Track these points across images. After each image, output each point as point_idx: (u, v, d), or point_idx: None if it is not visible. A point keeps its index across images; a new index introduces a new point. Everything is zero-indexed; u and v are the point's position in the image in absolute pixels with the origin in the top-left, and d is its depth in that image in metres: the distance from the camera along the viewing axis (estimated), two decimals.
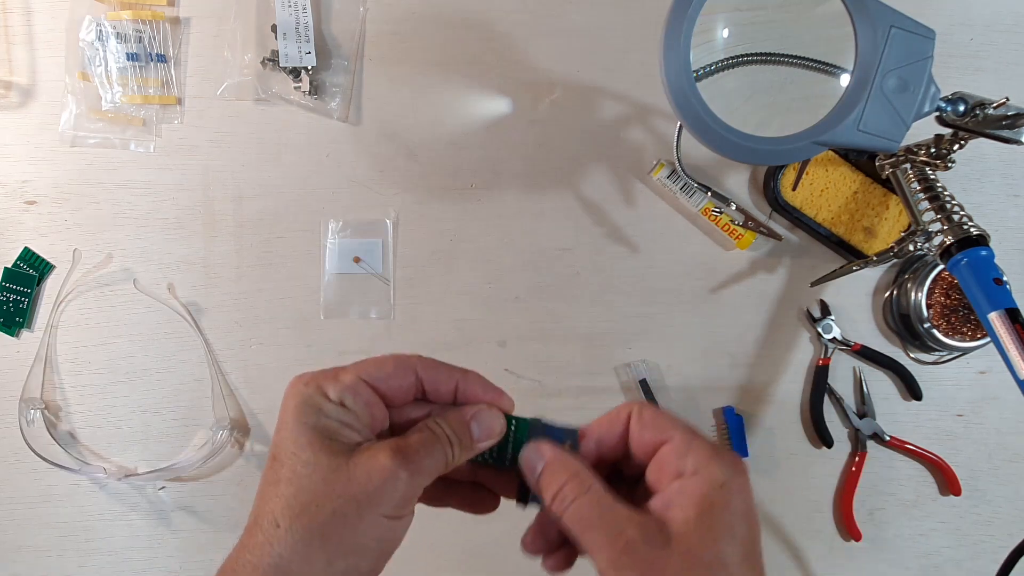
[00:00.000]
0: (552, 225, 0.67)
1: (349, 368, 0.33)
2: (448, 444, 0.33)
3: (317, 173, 0.66)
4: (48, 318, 0.66)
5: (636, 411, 0.34)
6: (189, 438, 0.67)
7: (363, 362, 0.34)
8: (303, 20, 0.64)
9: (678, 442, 0.32)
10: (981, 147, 0.62)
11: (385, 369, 0.34)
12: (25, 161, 0.66)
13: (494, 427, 0.35)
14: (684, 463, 0.31)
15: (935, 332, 0.63)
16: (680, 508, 0.30)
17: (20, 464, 0.66)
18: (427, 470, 0.32)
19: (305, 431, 0.31)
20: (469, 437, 0.34)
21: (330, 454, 0.31)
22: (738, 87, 0.47)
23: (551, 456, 0.34)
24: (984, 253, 0.50)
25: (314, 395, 0.32)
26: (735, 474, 0.31)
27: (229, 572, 0.32)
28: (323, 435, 0.31)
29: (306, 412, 0.32)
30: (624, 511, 0.31)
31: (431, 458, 0.32)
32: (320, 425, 0.31)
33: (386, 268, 0.66)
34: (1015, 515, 0.68)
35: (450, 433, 0.33)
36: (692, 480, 0.31)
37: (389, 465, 0.31)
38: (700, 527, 0.29)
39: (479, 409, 0.35)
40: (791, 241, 0.67)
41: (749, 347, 0.67)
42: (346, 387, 0.32)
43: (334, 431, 0.32)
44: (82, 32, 0.64)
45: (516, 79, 0.67)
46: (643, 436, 0.33)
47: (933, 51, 0.46)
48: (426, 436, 0.33)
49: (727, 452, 0.32)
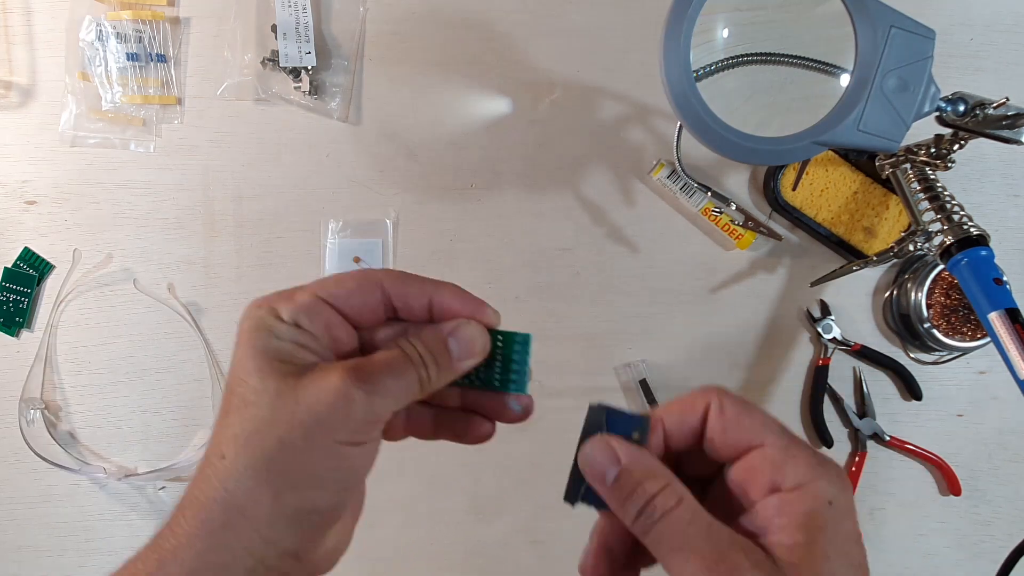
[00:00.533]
0: (552, 225, 0.67)
1: (307, 287, 0.30)
2: (422, 365, 0.29)
3: (317, 173, 0.66)
4: (48, 318, 0.66)
5: (716, 403, 0.29)
6: (189, 438, 0.67)
7: (323, 280, 0.31)
8: (303, 20, 0.64)
9: (773, 449, 0.27)
10: (981, 147, 0.62)
11: (346, 286, 0.30)
12: (25, 161, 0.66)
13: (476, 344, 0.31)
14: (782, 475, 0.27)
15: (935, 332, 0.63)
16: (784, 531, 0.26)
17: (20, 464, 0.66)
18: (391, 391, 0.29)
19: (255, 355, 0.28)
20: (447, 356, 0.30)
21: (278, 377, 0.28)
22: (738, 87, 0.47)
23: (629, 460, 0.28)
24: (984, 253, 0.50)
25: (266, 316, 0.29)
26: (841, 489, 0.27)
27: (179, 509, 0.29)
28: (274, 358, 0.28)
29: (257, 335, 0.29)
30: (724, 531, 0.26)
31: (398, 379, 0.29)
32: (271, 348, 0.28)
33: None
34: (1015, 515, 0.68)
35: (423, 352, 0.30)
36: (794, 497, 0.26)
37: (340, 386, 0.27)
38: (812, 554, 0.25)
39: (457, 324, 0.31)
40: (791, 241, 0.67)
41: (749, 347, 0.67)
42: (300, 306, 0.29)
43: (287, 353, 0.28)
44: (82, 32, 0.64)
45: (516, 79, 0.67)
46: (726, 435, 0.29)
47: (933, 51, 0.46)
48: (393, 355, 0.29)
49: (830, 463, 0.27)
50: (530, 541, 0.67)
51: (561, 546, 0.67)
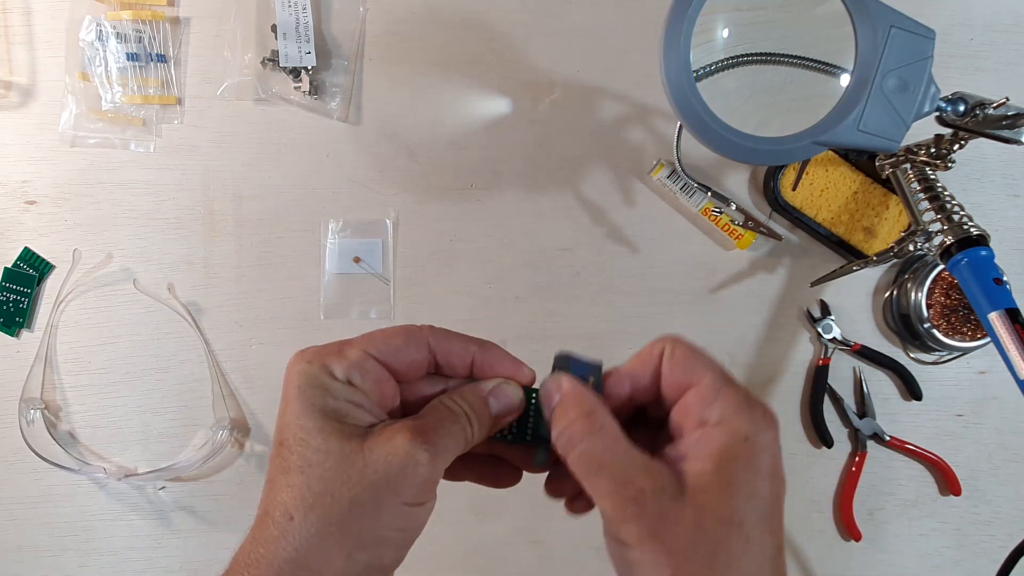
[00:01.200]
0: (552, 225, 0.67)
1: (356, 342, 0.31)
2: (467, 422, 0.31)
3: (317, 173, 0.66)
4: (48, 318, 0.66)
5: (669, 348, 0.31)
6: (189, 438, 0.67)
7: (371, 335, 0.32)
8: (303, 20, 0.64)
9: (706, 387, 0.29)
10: (981, 147, 0.62)
11: (395, 342, 0.31)
12: (25, 161, 0.66)
13: (513, 401, 0.33)
14: (709, 411, 0.29)
15: (935, 332, 0.63)
16: (697, 460, 0.28)
17: (20, 464, 0.66)
18: (447, 451, 0.30)
19: (312, 414, 0.29)
20: (487, 413, 0.32)
21: (342, 438, 0.28)
22: (738, 87, 0.47)
23: (567, 389, 0.31)
24: (984, 253, 0.50)
25: (319, 374, 0.30)
26: (763, 428, 0.28)
27: (242, 566, 0.29)
28: (332, 417, 0.29)
29: (311, 393, 0.29)
30: (637, 457, 0.28)
31: (450, 438, 0.30)
32: (328, 407, 0.29)
33: (386, 268, 0.66)
34: (1015, 515, 0.68)
35: (468, 410, 0.31)
36: (714, 431, 0.28)
37: (408, 448, 0.28)
38: (717, 482, 0.27)
39: (497, 383, 0.33)
40: (791, 241, 0.67)
41: (749, 347, 0.67)
42: (353, 364, 0.30)
43: (343, 413, 0.29)
44: (82, 32, 0.64)
45: (516, 79, 0.67)
46: (672, 376, 0.31)
47: (933, 51, 0.46)
48: (443, 414, 0.31)
49: (758, 404, 0.29)
50: (530, 541, 0.67)
51: (561, 546, 0.67)
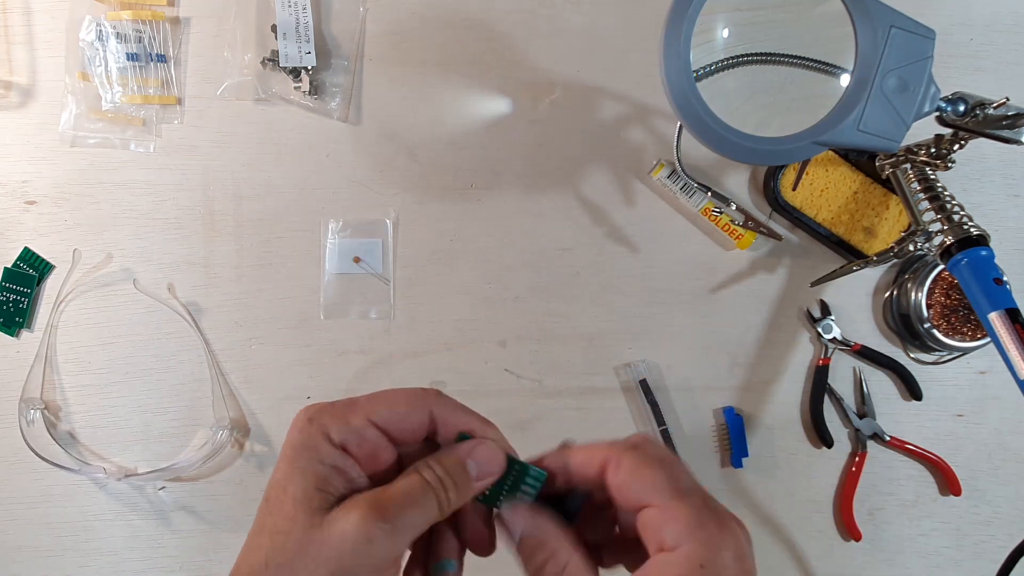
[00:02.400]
0: (552, 225, 0.67)
1: (360, 406, 0.31)
2: (442, 488, 0.30)
3: (317, 173, 0.66)
4: (48, 318, 0.66)
5: (614, 461, 0.30)
6: (189, 438, 0.67)
7: (376, 398, 0.32)
8: (303, 20, 0.64)
9: (655, 510, 0.29)
10: (981, 147, 0.62)
11: (398, 408, 0.32)
12: (25, 161, 0.66)
13: (493, 464, 0.32)
14: (663, 535, 0.28)
15: (935, 332, 0.63)
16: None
17: (20, 464, 0.66)
18: (411, 524, 0.29)
19: (295, 477, 0.29)
20: (466, 477, 0.31)
21: (309, 511, 0.29)
22: (738, 87, 0.47)
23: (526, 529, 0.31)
24: (984, 253, 0.50)
25: (315, 436, 0.30)
26: (719, 548, 0.27)
27: None
28: (311, 483, 0.29)
29: (302, 454, 0.30)
30: None
31: (417, 509, 0.30)
32: (312, 471, 0.30)
33: (386, 268, 0.66)
34: (1015, 515, 0.68)
35: (443, 476, 0.31)
36: (670, 558, 0.27)
37: (361, 525, 0.28)
38: None
39: (476, 444, 0.32)
40: (791, 241, 0.67)
41: (749, 347, 0.67)
42: (352, 430, 0.31)
43: (324, 479, 0.30)
44: (82, 32, 0.64)
45: (516, 79, 0.67)
46: (622, 492, 0.30)
47: (933, 51, 0.46)
48: (412, 484, 0.30)
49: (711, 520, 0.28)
50: None
51: None
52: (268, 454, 0.67)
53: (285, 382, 0.67)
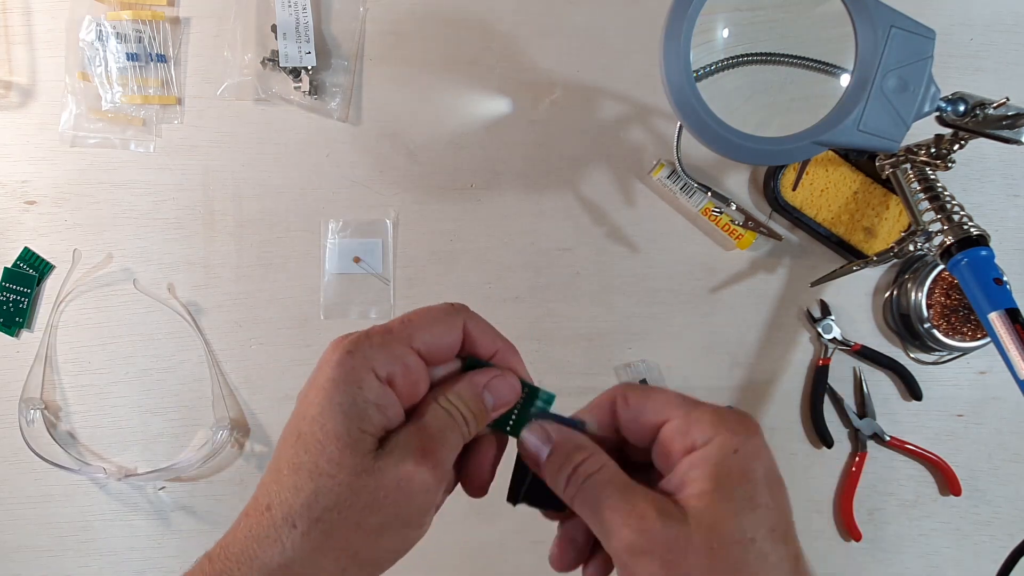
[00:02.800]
0: (552, 225, 0.67)
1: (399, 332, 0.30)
2: (464, 423, 0.31)
3: (317, 173, 0.66)
4: (48, 318, 0.66)
5: (620, 398, 0.31)
6: (189, 438, 0.67)
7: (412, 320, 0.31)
8: (303, 20, 0.64)
9: (677, 419, 0.29)
10: (981, 147, 0.62)
11: (436, 330, 0.31)
12: (25, 161, 0.66)
13: (508, 394, 0.33)
14: (690, 438, 0.28)
15: (935, 332, 0.63)
16: (695, 483, 0.27)
17: (20, 464, 0.66)
18: (449, 461, 0.30)
19: (334, 414, 0.28)
20: (483, 408, 0.31)
21: (356, 454, 0.28)
22: (738, 87, 0.47)
23: (559, 436, 0.31)
24: (984, 253, 0.50)
25: (358, 370, 0.29)
26: (748, 436, 0.28)
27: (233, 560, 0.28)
28: (353, 421, 0.28)
29: (343, 389, 0.28)
30: (641, 491, 0.28)
31: (450, 447, 0.30)
32: (354, 408, 0.28)
33: (386, 268, 0.66)
34: (1015, 515, 0.68)
35: (464, 411, 0.31)
36: (703, 452, 0.28)
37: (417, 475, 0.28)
38: (718, 499, 0.27)
39: (493, 375, 0.32)
40: (791, 241, 0.67)
41: (749, 347, 0.67)
42: (397, 361, 0.29)
43: (364, 416, 0.28)
44: (82, 32, 0.64)
45: (516, 79, 0.67)
46: (636, 422, 0.31)
47: (933, 51, 0.46)
48: (443, 423, 0.30)
49: (733, 414, 0.29)
50: (530, 541, 0.66)
51: None
52: (268, 454, 0.67)
53: (285, 382, 0.67)
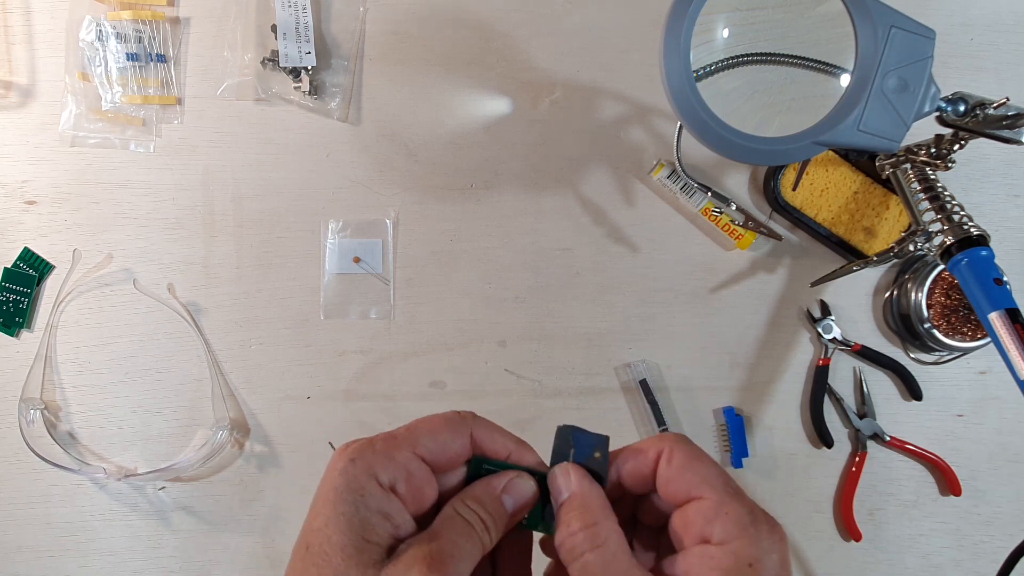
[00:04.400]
0: (552, 225, 0.67)
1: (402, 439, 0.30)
2: (484, 530, 0.30)
3: (317, 173, 0.66)
4: (48, 318, 0.66)
5: (667, 452, 0.30)
6: (189, 438, 0.67)
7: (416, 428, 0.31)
8: (303, 20, 0.64)
9: (708, 503, 0.28)
10: (981, 147, 0.62)
11: (441, 437, 0.30)
12: (25, 161, 0.66)
13: (527, 496, 0.31)
14: (712, 528, 0.28)
15: (935, 332, 0.63)
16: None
17: (20, 464, 0.66)
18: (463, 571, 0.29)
19: (339, 525, 0.28)
20: (503, 512, 0.30)
21: (361, 565, 0.27)
22: (738, 87, 0.47)
23: (576, 487, 0.30)
24: (984, 253, 0.50)
25: (360, 478, 0.29)
26: (768, 551, 0.27)
27: None
28: (358, 533, 0.28)
29: (347, 499, 0.28)
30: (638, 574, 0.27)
31: (467, 557, 0.29)
32: (358, 518, 0.28)
33: (386, 268, 0.66)
34: (1015, 515, 0.68)
35: (483, 516, 0.30)
36: (717, 551, 0.27)
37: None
38: None
39: (510, 479, 0.31)
40: (791, 241, 0.67)
41: (749, 347, 0.67)
42: (400, 468, 0.29)
43: (371, 526, 0.28)
44: (82, 32, 0.64)
45: (516, 79, 0.67)
46: (671, 484, 0.30)
47: (933, 51, 0.46)
48: (458, 530, 0.29)
49: (763, 522, 0.28)
50: None
51: None
52: (268, 454, 0.67)
53: (285, 382, 0.67)
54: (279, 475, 0.67)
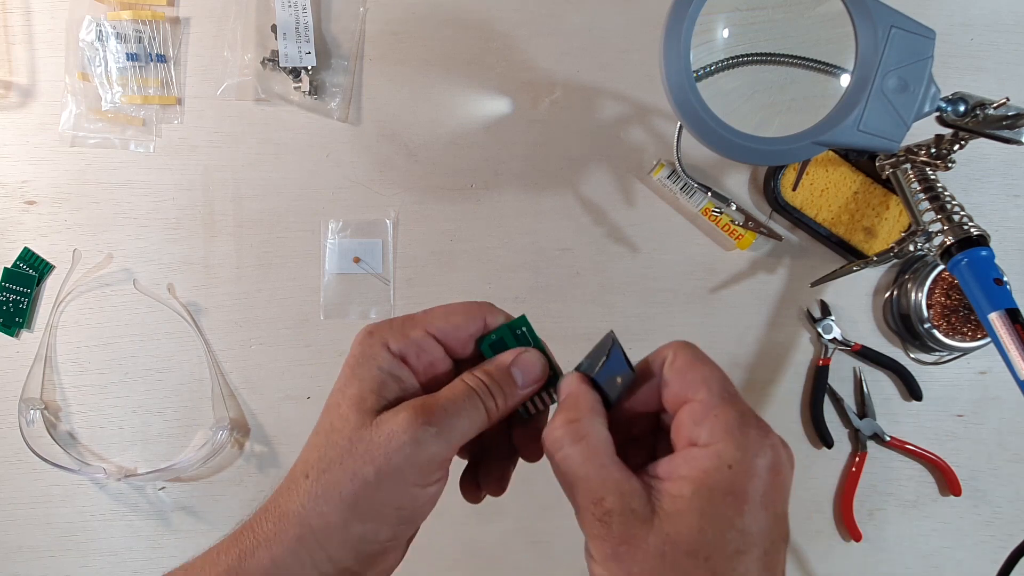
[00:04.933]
0: (552, 225, 0.67)
1: (418, 320, 0.32)
2: (489, 396, 0.31)
3: (317, 173, 0.66)
4: (48, 318, 0.66)
5: (671, 355, 0.30)
6: (189, 438, 0.67)
7: (432, 312, 0.33)
8: (303, 20, 0.64)
9: (699, 404, 0.28)
10: (981, 147, 0.62)
11: (454, 320, 0.33)
12: (25, 161, 0.66)
13: (536, 370, 0.32)
14: (699, 430, 0.27)
15: (935, 332, 0.63)
16: (676, 482, 0.27)
17: (20, 464, 0.66)
18: (458, 428, 0.30)
19: (353, 382, 0.31)
20: (512, 384, 0.32)
21: (361, 412, 0.30)
22: (738, 87, 0.47)
23: (571, 390, 0.31)
24: (984, 253, 0.50)
25: (374, 346, 0.31)
26: (755, 454, 0.26)
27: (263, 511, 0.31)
28: (367, 387, 0.30)
29: (361, 363, 0.31)
30: (612, 473, 0.27)
31: (463, 415, 0.30)
32: (369, 377, 0.31)
33: (386, 268, 0.66)
34: (1015, 515, 0.68)
35: (489, 383, 0.31)
36: (699, 452, 0.27)
37: (409, 427, 0.29)
38: (689, 509, 0.26)
39: (519, 352, 0.33)
40: (791, 241, 0.67)
41: (749, 347, 0.67)
42: (410, 342, 0.32)
43: (380, 384, 0.31)
44: (82, 32, 0.64)
45: (516, 79, 0.67)
46: (671, 385, 0.30)
47: (933, 51, 0.46)
48: (458, 391, 0.31)
49: (754, 426, 0.27)
50: (530, 541, 0.67)
51: (561, 546, 0.67)
52: (268, 454, 0.67)
53: (285, 382, 0.67)
54: (279, 475, 0.67)
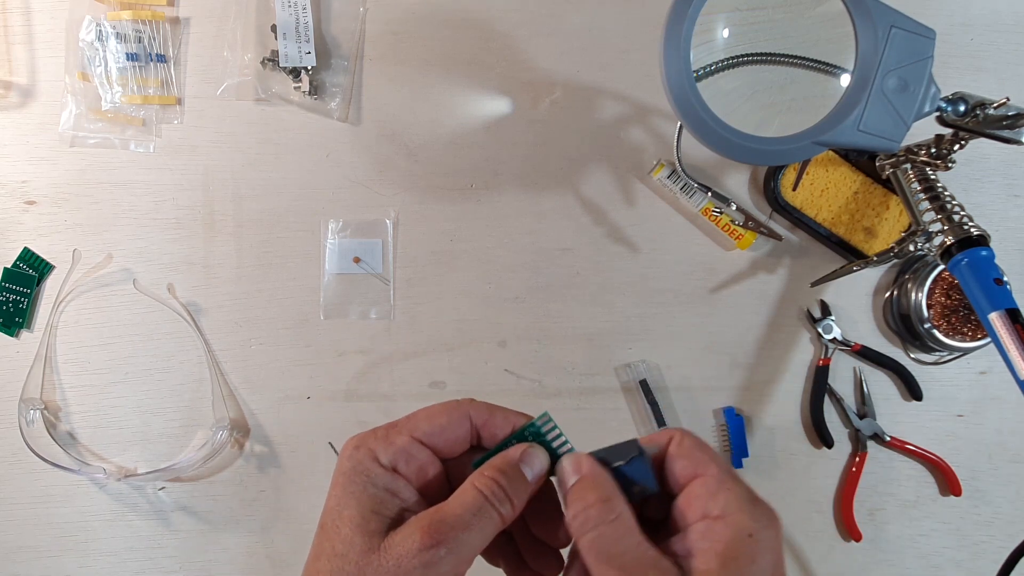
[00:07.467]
0: (552, 225, 0.67)
1: (402, 426, 0.32)
2: (503, 499, 0.30)
3: (317, 173, 0.66)
4: (48, 318, 0.66)
5: (678, 437, 0.32)
6: (189, 438, 0.67)
7: (415, 417, 0.33)
8: (303, 20, 0.64)
9: (711, 479, 0.30)
10: (981, 147, 0.62)
11: (438, 422, 0.32)
12: (25, 161, 0.66)
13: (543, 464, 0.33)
14: (713, 503, 0.29)
15: (935, 332, 0.63)
16: (703, 556, 0.28)
17: (20, 464, 0.66)
18: (471, 544, 0.29)
19: (350, 502, 0.30)
20: (523, 480, 0.31)
21: (366, 534, 0.29)
22: (738, 87, 0.47)
23: (587, 471, 0.31)
24: (984, 253, 0.50)
25: (364, 460, 0.31)
26: (766, 526, 0.28)
27: None
28: (366, 507, 0.30)
29: (355, 479, 0.31)
30: (648, 551, 0.28)
31: (475, 529, 0.30)
32: (366, 495, 0.30)
33: (386, 268, 0.66)
34: (1015, 515, 0.68)
35: (504, 484, 0.31)
36: (718, 525, 0.28)
37: (419, 551, 0.28)
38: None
39: (523, 450, 0.32)
40: (791, 241, 0.67)
41: (749, 347, 0.67)
42: (399, 450, 0.31)
43: (379, 502, 0.30)
44: (82, 32, 0.64)
45: (516, 79, 0.67)
46: (677, 465, 0.31)
47: (933, 51, 0.46)
48: (467, 500, 0.30)
49: (760, 501, 0.29)
50: None
51: None
52: (268, 454, 0.67)
53: (285, 382, 0.67)
54: (279, 475, 0.67)
